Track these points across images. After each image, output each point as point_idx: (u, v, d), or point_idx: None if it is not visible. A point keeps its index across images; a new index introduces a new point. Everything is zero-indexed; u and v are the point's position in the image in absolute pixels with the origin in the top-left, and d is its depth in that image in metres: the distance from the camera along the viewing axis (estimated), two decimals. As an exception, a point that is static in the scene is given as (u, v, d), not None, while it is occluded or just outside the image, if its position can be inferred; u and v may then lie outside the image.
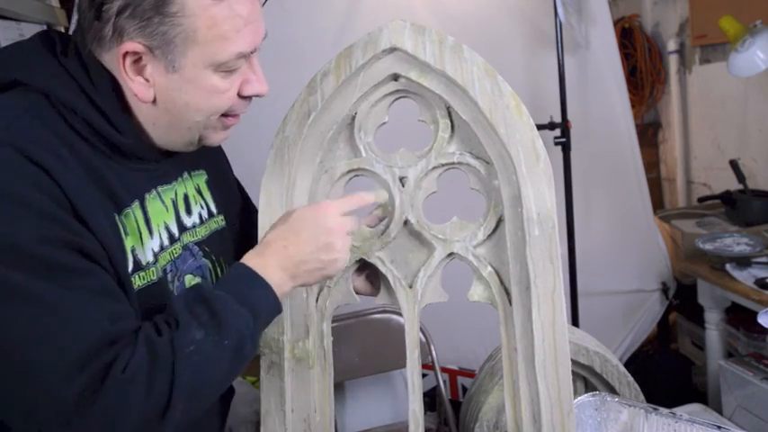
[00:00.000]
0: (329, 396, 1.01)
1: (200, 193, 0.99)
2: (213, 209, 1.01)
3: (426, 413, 1.93)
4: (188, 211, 0.95)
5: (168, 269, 0.88)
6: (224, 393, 1.08)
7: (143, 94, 0.79)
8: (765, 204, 2.31)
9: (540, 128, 1.98)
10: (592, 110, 2.37)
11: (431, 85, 0.95)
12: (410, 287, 1.00)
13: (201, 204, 0.98)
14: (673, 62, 3.13)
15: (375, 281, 1.06)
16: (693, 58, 3.03)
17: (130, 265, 0.80)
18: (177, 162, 0.94)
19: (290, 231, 0.85)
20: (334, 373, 1.02)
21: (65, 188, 0.72)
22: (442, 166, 0.99)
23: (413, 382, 0.99)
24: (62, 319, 0.68)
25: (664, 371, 2.45)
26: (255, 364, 1.00)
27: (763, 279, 1.89)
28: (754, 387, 1.75)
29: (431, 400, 2.11)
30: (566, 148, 2.11)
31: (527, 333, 0.93)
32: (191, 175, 0.98)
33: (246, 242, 0.97)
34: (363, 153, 1.00)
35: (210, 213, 1.00)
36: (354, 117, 0.99)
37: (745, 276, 1.95)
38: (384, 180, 1.00)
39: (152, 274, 0.84)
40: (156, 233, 0.86)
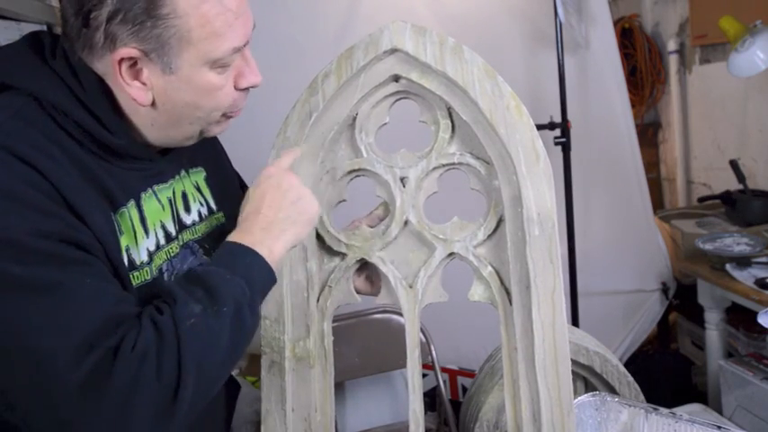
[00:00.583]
0: (330, 395, 1.01)
1: (199, 190, 0.99)
2: (213, 205, 1.01)
3: (426, 413, 1.93)
4: (187, 209, 0.95)
5: (164, 268, 0.88)
6: (230, 391, 1.09)
7: (142, 98, 0.79)
8: (765, 204, 2.31)
9: (540, 128, 1.99)
10: (592, 110, 2.37)
11: (431, 86, 0.96)
12: (411, 287, 1.00)
13: (201, 202, 0.98)
14: (673, 62, 3.13)
15: (376, 281, 1.06)
16: (693, 58, 3.03)
17: (126, 265, 0.80)
18: (173, 160, 0.93)
19: (255, 199, 0.86)
20: (334, 372, 1.03)
21: (58, 186, 0.72)
22: (443, 166, 1.00)
23: (413, 382, 0.99)
24: (65, 303, 0.68)
25: (664, 371, 2.45)
26: (256, 363, 1.00)
27: (763, 279, 1.89)
28: (754, 387, 1.76)
29: (431, 400, 2.12)
30: (566, 148, 2.11)
31: (527, 333, 0.94)
32: (188, 173, 0.97)
33: None
34: (364, 153, 1.00)
35: (211, 210, 1.00)
36: (355, 118, 1.00)
37: (745, 276, 1.95)
38: (385, 180, 1.00)
39: (146, 274, 0.83)
40: (152, 232, 0.86)
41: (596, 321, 2.25)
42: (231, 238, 0.83)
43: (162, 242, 0.88)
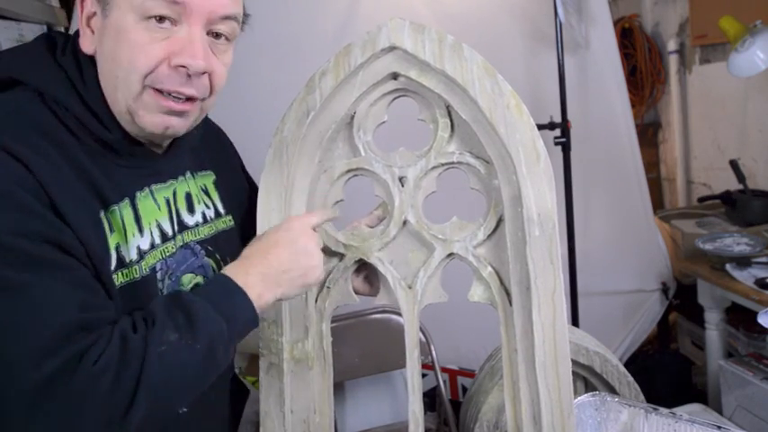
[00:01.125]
0: (329, 397, 1.01)
1: (206, 192, 1.00)
2: (221, 209, 1.01)
3: (426, 413, 1.93)
4: (190, 210, 0.95)
5: (158, 267, 0.88)
6: (235, 397, 1.08)
7: (86, 45, 0.81)
8: (765, 204, 2.31)
9: (540, 128, 1.97)
10: (592, 110, 2.37)
11: (430, 84, 0.95)
12: (410, 287, 0.99)
13: (207, 204, 0.99)
14: (673, 62, 3.13)
15: (374, 281, 1.05)
16: (693, 58, 3.03)
17: (113, 263, 0.80)
18: (176, 162, 0.94)
19: (267, 243, 0.87)
20: (333, 373, 1.02)
21: (46, 185, 0.73)
22: (442, 165, 0.99)
23: (413, 382, 0.98)
24: (31, 305, 0.69)
25: (664, 371, 2.45)
26: (256, 363, 0.99)
27: (763, 279, 1.89)
28: (754, 387, 1.75)
29: (431, 400, 2.11)
30: (566, 148, 2.11)
31: (527, 333, 0.93)
32: (194, 175, 0.98)
33: None
34: (363, 152, 1.00)
35: (218, 213, 1.00)
36: (353, 116, 0.99)
37: (745, 276, 1.95)
38: (383, 180, 0.99)
39: (135, 272, 0.83)
40: (147, 231, 0.87)
41: (596, 321, 2.25)
42: (229, 270, 0.83)
43: (157, 241, 0.88)
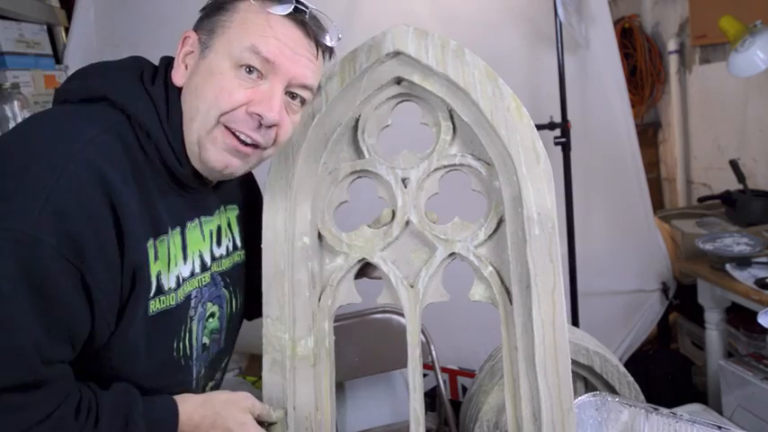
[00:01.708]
0: (331, 394, 1.02)
1: (229, 226, 1.02)
2: (238, 243, 1.03)
3: (426, 413, 1.93)
4: (219, 242, 0.98)
5: (193, 295, 0.91)
6: None
7: (178, 78, 0.85)
8: (765, 204, 2.31)
9: (540, 128, 1.99)
10: (592, 110, 2.37)
11: (433, 89, 0.96)
12: (412, 287, 1.00)
13: (229, 237, 1.01)
14: (673, 62, 3.13)
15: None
16: (693, 58, 3.04)
17: (153, 290, 0.82)
18: (218, 195, 0.97)
19: (208, 424, 0.88)
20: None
21: (120, 211, 0.75)
22: (444, 167, 1.00)
23: (414, 382, 0.99)
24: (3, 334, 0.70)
25: (664, 371, 2.45)
26: (256, 363, 1.00)
27: (763, 279, 1.89)
28: (754, 387, 1.76)
29: (431, 400, 2.12)
30: (566, 148, 2.11)
31: (527, 332, 0.94)
32: (225, 209, 1.01)
33: (257, 277, 1.00)
34: (366, 155, 1.01)
35: (235, 246, 1.03)
36: (358, 119, 1.00)
37: (745, 276, 1.95)
38: (387, 181, 1.00)
39: (171, 300, 0.86)
40: (190, 260, 0.90)
41: (596, 321, 2.25)
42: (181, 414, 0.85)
43: (197, 270, 0.91)
